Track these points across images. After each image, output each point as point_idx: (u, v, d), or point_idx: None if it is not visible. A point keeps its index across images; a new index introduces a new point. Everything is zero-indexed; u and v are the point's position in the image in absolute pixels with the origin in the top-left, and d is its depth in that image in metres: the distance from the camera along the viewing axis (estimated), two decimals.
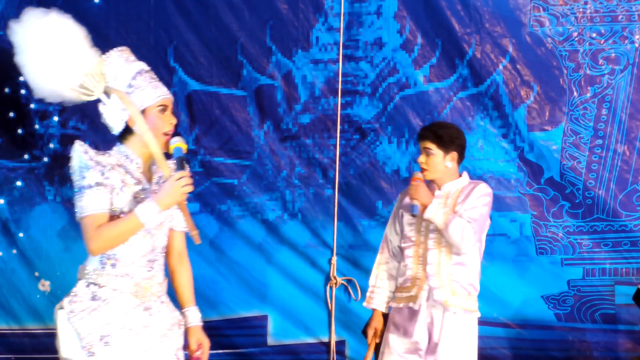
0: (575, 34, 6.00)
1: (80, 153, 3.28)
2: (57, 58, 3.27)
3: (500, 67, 6.06)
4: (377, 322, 4.72)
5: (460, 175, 4.63)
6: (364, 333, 5.18)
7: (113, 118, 3.35)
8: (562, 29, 6.01)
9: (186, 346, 3.62)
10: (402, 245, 4.63)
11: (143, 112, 3.35)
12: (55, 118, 6.60)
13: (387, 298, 4.70)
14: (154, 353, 3.36)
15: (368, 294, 4.77)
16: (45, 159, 6.65)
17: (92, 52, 3.35)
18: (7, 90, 6.64)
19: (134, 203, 3.33)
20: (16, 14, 6.36)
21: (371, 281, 4.77)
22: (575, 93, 6.00)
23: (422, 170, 4.56)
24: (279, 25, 6.36)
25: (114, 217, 3.30)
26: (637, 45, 5.93)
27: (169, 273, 3.66)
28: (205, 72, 6.45)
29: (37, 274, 6.60)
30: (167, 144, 3.38)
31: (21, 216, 6.65)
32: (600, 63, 5.96)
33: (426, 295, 4.49)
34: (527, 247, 6.05)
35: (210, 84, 6.44)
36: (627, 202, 5.93)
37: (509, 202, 6.08)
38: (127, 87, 3.33)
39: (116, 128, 3.37)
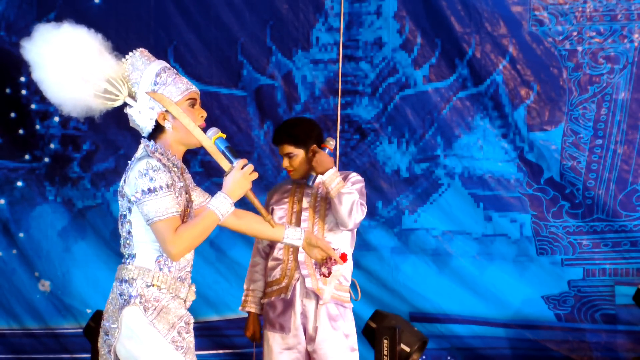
0: (574, 33, 6.00)
1: (149, 153, 3.19)
2: (76, 69, 3.18)
3: (500, 67, 6.07)
4: (254, 325, 4.59)
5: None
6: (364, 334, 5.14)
7: (143, 118, 3.25)
8: (561, 28, 6.01)
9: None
10: None
11: None
12: (56, 118, 6.60)
13: (260, 299, 4.58)
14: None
15: (243, 297, 4.63)
16: (46, 160, 6.66)
17: (111, 57, 3.27)
18: (7, 90, 6.65)
19: (186, 204, 3.24)
20: (17, 15, 6.46)
21: (245, 285, 4.64)
22: (575, 93, 6.00)
23: (289, 172, 4.48)
24: (279, 26, 6.37)
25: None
26: (636, 44, 5.93)
27: (241, 233, 3.56)
28: (205, 72, 6.46)
29: (37, 274, 6.61)
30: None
31: (22, 216, 6.66)
32: (599, 62, 5.96)
33: (298, 285, 4.41)
34: (528, 248, 6.05)
35: (210, 84, 6.44)
36: (627, 202, 5.92)
37: (509, 202, 6.07)
38: (154, 85, 3.26)
39: (147, 128, 3.28)
